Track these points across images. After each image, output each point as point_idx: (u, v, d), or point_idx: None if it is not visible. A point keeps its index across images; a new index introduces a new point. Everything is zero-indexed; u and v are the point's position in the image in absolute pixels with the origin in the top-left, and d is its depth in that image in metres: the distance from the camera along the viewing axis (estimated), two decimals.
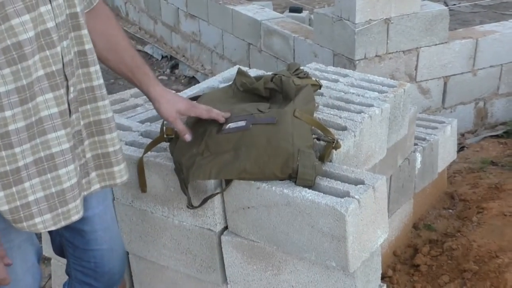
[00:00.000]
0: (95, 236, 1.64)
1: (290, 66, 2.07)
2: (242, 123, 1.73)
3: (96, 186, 1.55)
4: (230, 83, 2.05)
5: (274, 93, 1.96)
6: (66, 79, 1.39)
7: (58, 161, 1.39)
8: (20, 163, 1.34)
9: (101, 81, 1.50)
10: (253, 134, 1.71)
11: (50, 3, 1.32)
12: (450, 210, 2.89)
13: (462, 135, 4.01)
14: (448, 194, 3.01)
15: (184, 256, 1.96)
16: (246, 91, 1.98)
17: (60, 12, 1.35)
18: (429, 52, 3.78)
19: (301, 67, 2.12)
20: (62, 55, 1.36)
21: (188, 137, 1.70)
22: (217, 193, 1.79)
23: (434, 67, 3.83)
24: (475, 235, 2.52)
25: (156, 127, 2.09)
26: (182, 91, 2.35)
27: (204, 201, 1.78)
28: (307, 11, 6.03)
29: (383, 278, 2.28)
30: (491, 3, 7.16)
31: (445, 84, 3.94)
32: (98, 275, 1.71)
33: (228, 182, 1.77)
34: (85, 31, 1.44)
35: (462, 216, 2.78)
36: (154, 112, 2.30)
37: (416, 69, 3.78)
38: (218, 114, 1.73)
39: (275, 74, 1.98)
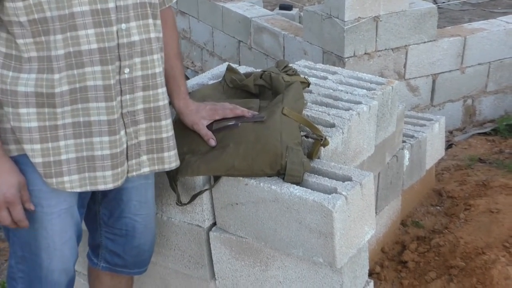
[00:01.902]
0: (130, 205, 1.70)
1: (279, 63, 2.08)
2: (231, 122, 1.75)
3: (146, 169, 1.62)
4: (220, 79, 2.06)
5: (264, 89, 1.97)
6: (120, 59, 1.48)
7: (94, 129, 1.49)
8: (59, 122, 1.45)
9: (162, 68, 1.60)
10: (242, 131, 1.72)
11: None
12: (438, 207, 2.91)
13: (450, 132, 4.04)
14: (436, 191, 3.03)
15: (172, 252, 1.96)
16: (235, 87, 1.99)
17: None
18: (418, 50, 3.80)
19: (290, 65, 2.13)
20: (118, 35, 1.46)
21: (212, 142, 1.74)
22: (206, 189, 1.80)
23: (422, 65, 3.86)
24: (462, 232, 2.54)
25: None
26: None
27: (193, 197, 1.79)
28: (297, 9, 6.04)
29: (370, 274, 2.30)
30: (480, 1, 7.21)
31: (433, 81, 3.96)
32: (127, 247, 1.75)
33: (217, 178, 1.78)
34: (150, 21, 1.54)
35: (450, 213, 2.80)
36: None
37: (405, 66, 3.80)
38: (243, 110, 1.78)
39: (264, 71, 1.99)
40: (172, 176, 1.75)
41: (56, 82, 1.43)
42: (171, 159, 1.65)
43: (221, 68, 2.36)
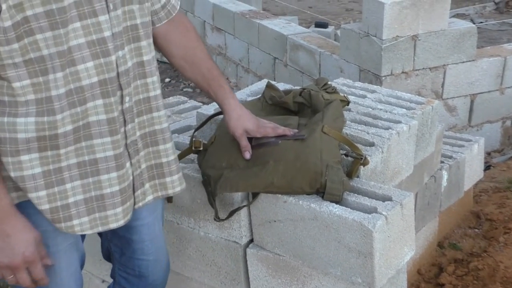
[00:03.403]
0: (142, 246, 1.64)
1: (318, 81, 2.07)
2: (271, 139, 1.75)
3: (150, 197, 1.56)
4: (259, 96, 2.06)
5: (303, 107, 1.97)
6: (121, 89, 1.42)
7: (101, 167, 1.42)
8: (63, 164, 1.37)
9: (158, 92, 1.52)
10: (282, 149, 1.72)
11: (108, 13, 1.36)
12: (476, 230, 2.85)
13: (489, 154, 3.97)
14: (474, 213, 2.97)
15: (209, 268, 1.96)
16: (274, 104, 1.99)
17: (118, 22, 1.39)
18: (456, 70, 3.76)
19: (329, 82, 2.13)
20: (117, 64, 1.39)
21: (247, 154, 1.71)
22: (244, 205, 1.80)
23: (461, 85, 3.81)
24: (502, 256, 2.48)
25: (184, 138, 2.10)
26: (207, 103, 2.37)
27: (231, 213, 1.79)
28: (333, 27, 6.05)
29: None
30: None
31: (472, 102, 3.91)
32: (141, 284, 1.72)
33: (255, 195, 1.78)
34: (144, 43, 1.47)
35: (489, 236, 2.74)
36: (181, 124, 2.33)
37: (442, 86, 3.76)
38: (285, 130, 1.74)
39: (304, 89, 1.98)
40: (211, 192, 1.76)
41: (59, 122, 1.34)
42: (174, 184, 1.58)
43: (260, 84, 2.37)
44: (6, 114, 1.32)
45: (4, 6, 1.22)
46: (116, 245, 1.68)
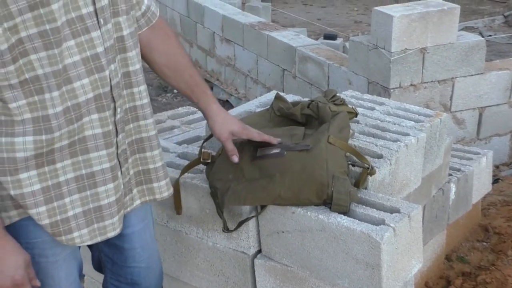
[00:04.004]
0: (133, 254, 1.66)
1: (326, 93, 2.08)
2: (276, 150, 1.75)
3: (137, 202, 1.58)
4: (267, 107, 2.08)
5: (311, 119, 1.97)
6: (114, 101, 1.43)
7: (98, 179, 1.43)
8: (61, 179, 1.39)
9: (145, 101, 1.54)
10: (288, 160, 1.72)
11: (100, 28, 1.37)
12: (484, 243, 2.84)
13: (497, 167, 3.96)
14: (482, 226, 2.97)
15: (216, 278, 1.97)
16: (283, 115, 2.00)
17: (109, 36, 1.40)
18: (465, 83, 3.77)
19: (338, 94, 2.14)
20: (110, 78, 1.41)
21: (235, 158, 1.72)
22: (252, 216, 1.81)
23: (469, 98, 3.82)
24: (510, 270, 2.47)
25: (193, 149, 2.12)
26: None
27: (240, 224, 1.80)
28: (341, 39, 6.08)
29: None
30: None
31: (480, 115, 3.91)
32: None
33: (263, 206, 1.79)
34: (130, 54, 1.48)
35: (497, 249, 2.73)
36: (191, 134, 2.35)
37: (451, 99, 3.77)
38: (270, 137, 1.75)
39: (312, 101, 2.00)
40: (219, 204, 1.77)
41: (56, 139, 1.35)
42: (161, 189, 1.60)
43: (269, 96, 2.39)
44: (4, 134, 1.32)
45: (0, 30, 1.23)
46: (107, 254, 1.69)
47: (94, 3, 1.34)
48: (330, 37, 5.93)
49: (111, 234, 1.49)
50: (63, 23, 1.29)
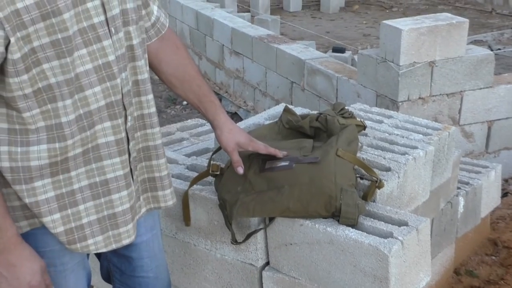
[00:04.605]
0: (141, 263, 1.67)
1: (335, 106, 2.09)
2: (285, 162, 1.76)
3: (143, 210, 1.60)
4: (276, 120, 2.09)
5: (319, 131, 1.99)
6: (125, 109, 1.45)
7: (112, 187, 1.45)
8: (75, 186, 1.41)
9: (152, 109, 1.55)
10: (296, 173, 1.73)
11: (111, 37, 1.38)
12: (493, 257, 2.83)
13: (506, 180, 3.94)
14: (491, 240, 2.95)
15: None
16: (291, 128, 2.01)
17: (120, 45, 1.42)
18: (473, 96, 3.76)
19: (346, 107, 2.15)
20: (121, 86, 1.42)
21: (240, 169, 1.73)
22: (261, 228, 1.81)
23: (478, 111, 3.81)
24: None
25: (201, 161, 2.13)
26: None
27: (248, 236, 1.80)
28: (350, 52, 6.09)
29: None
30: None
31: (489, 128, 3.90)
32: None
33: (272, 218, 1.79)
34: (139, 62, 1.50)
35: (506, 263, 2.72)
36: (199, 146, 2.36)
37: (459, 112, 3.76)
38: (275, 150, 1.76)
39: (320, 113, 2.01)
40: (227, 215, 1.78)
41: (69, 147, 1.36)
42: (166, 198, 1.61)
43: (277, 108, 2.40)
44: (19, 143, 1.34)
45: (12, 39, 1.24)
46: (116, 264, 1.70)
47: (105, 12, 1.36)
48: (338, 50, 5.95)
49: (126, 242, 1.50)
50: (75, 32, 1.31)
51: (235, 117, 5.58)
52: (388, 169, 1.93)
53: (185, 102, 5.82)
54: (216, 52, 5.99)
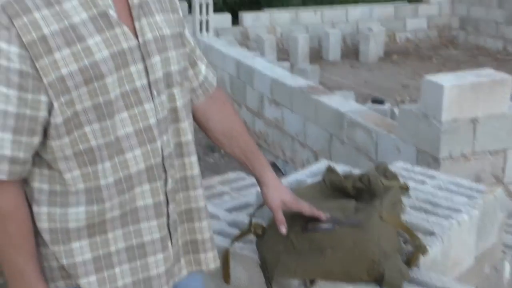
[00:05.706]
0: None
1: (378, 167, 2.09)
2: (327, 226, 1.75)
3: (184, 271, 1.57)
4: (318, 178, 2.09)
5: (361, 192, 1.98)
6: (165, 171, 1.44)
7: (148, 249, 1.43)
8: (112, 248, 1.40)
9: (195, 171, 1.54)
10: (339, 236, 1.71)
11: (153, 100, 1.38)
12: None
13: None
14: None
15: None
16: (334, 188, 2.01)
17: (162, 108, 1.41)
18: None
19: (389, 166, 2.14)
20: (162, 148, 1.41)
21: (283, 229, 1.71)
22: None
23: None
24: None
25: (243, 217, 2.13)
26: None
27: None
28: (389, 103, 6.09)
29: None
30: None
31: None
32: None
33: (313, 280, 1.77)
34: (183, 124, 1.48)
35: None
36: (240, 201, 2.37)
37: (503, 171, 3.70)
38: (319, 212, 1.74)
39: (363, 174, 2.00)
40: (268, 276, 1.76)
41: (107, 210, 1.36)
42: (208, 261, 1.58)
43: (319, 165, 2.40)
44: (58, 204, 1.34)
45: (56, 105, 1.26)
46: None
47: (147, 76, 1.36)
48: (378, 101, 5.96)
49: None
50: (116, 96, 1.31)
51: (273, 167, 5.60)
52: (431, 233, 1.90)
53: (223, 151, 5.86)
54: (255, 101, 6.06)
